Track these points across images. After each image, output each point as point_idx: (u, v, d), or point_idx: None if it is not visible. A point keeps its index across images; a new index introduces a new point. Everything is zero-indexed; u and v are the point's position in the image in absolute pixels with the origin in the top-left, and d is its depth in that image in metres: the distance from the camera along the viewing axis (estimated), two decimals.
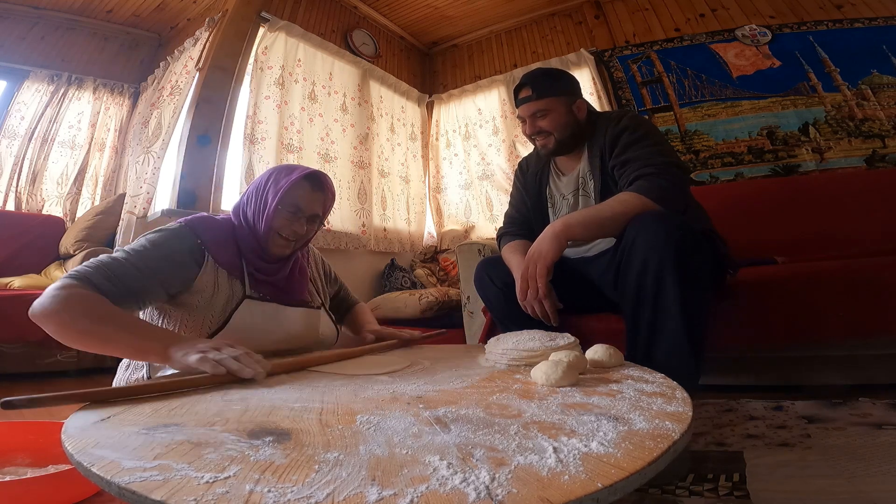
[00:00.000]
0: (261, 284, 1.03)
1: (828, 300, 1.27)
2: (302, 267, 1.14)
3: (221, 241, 1.00)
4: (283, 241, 1.03)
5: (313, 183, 1.04)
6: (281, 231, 1.02)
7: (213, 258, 0.96)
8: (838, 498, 0.79)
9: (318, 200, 1.06)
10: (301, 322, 1.07)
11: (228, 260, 0.99)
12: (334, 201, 1.13)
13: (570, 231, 1.09)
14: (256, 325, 0.97)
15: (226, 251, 0.99)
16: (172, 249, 0.92)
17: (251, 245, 1.03)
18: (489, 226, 3.23)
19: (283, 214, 1.01)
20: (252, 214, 1.04)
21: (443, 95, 3.61)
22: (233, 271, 0.99)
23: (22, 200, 2.76)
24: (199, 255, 0.95)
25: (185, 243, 0.94)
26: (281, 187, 1.00)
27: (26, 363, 1.96)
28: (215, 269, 0.96)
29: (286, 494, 0.34)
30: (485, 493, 0.34)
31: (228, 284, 0.97)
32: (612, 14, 3.05)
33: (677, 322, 0.95)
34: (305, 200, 1.03)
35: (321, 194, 1.07)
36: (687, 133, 2.61)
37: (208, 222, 1.01)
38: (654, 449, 0.41)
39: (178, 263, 0.92)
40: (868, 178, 2.09)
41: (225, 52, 2.48)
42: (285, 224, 1.02)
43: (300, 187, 1.02)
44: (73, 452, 0.44)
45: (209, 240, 0.97)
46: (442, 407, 0.56)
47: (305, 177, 1.03)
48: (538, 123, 1.28)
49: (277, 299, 1.03)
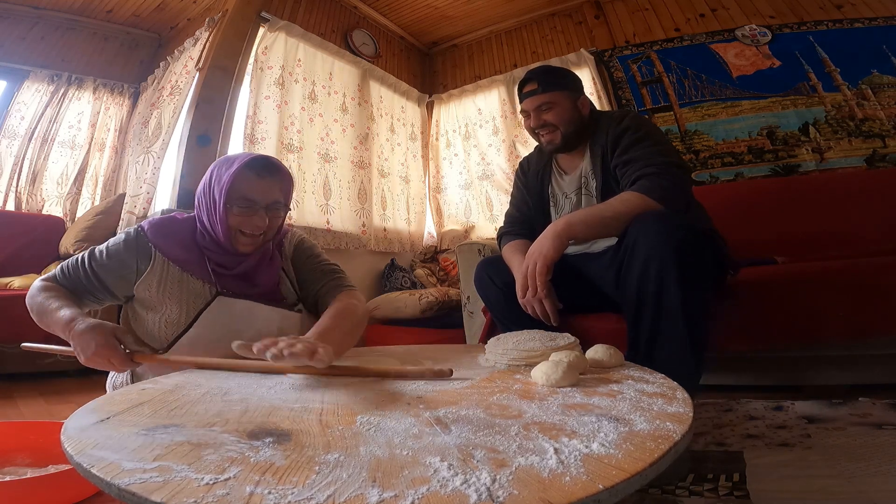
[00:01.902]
0: (226, 279, 0.99)
1: (828, 300, 1.27)
2: (273, 255, 1.06)
3: (177, 238, 0.99)
4: (247, 239, 0.97)
5: (258, 170, 0.96)
6: (241, 228, 0.96)
7: (164, 253, 0.98)
8: (838, 498, 0.79)
9: (270, 187, 0.97)
10: (276, 324, 0.99)
11: (182, 255, 0.98)
12: (292, 183, 1.05)
13: (572, 230, 1.09)
14: (225, 325, 0.92)
15: (180, 247, 0.99)
16: (119, 257, 0.97)
17: (213, 246, 0.99)
18: (489, 226, 3.22)
19: (236, 211, 0.95)
20: (207, 218, 0.98)
21: (443, 95, 3.61)
22: (189, 267, 0.98)
23: (22, 200, 2.75)
24: (146, 256, 0.97)
25: (132, 249, 0.98)
26: (224, 183, 0.94)
27: (26, 363, 1.95)
28: (164, 264, 0.97)
29: (287, 496, 0.34)
30: (486, 494, 0.34)
31: (183, 280, 0.97)
32: (612, 14, 3.05)
33: (678, 322, 0.95)
34: (255, 190, 0.95)
35: (271, 179, 0.98)
36: (687, 133, 2.61)
37: (166, 225, 1.01)
38: (655, 450, 0.41)
39: (122, 269, 0.97)
40: (868, 177, 2.09)
41: (225, 52, 2.47)
42: (243, 220, 0.95)
43: (244, 178, 0.95)
44: (72, 453, 0.44)
45: (161, 237, 0.99)
46: (442, 407, 0.56)
47: (246, 165, 0.95)
48: (543, 117, 1.28)
49: (249, 296, 0.98)
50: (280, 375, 0.77)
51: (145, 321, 0.97)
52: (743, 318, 1.26)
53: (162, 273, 0.97)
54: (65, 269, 0.98)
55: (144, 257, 0.97)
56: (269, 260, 1.05)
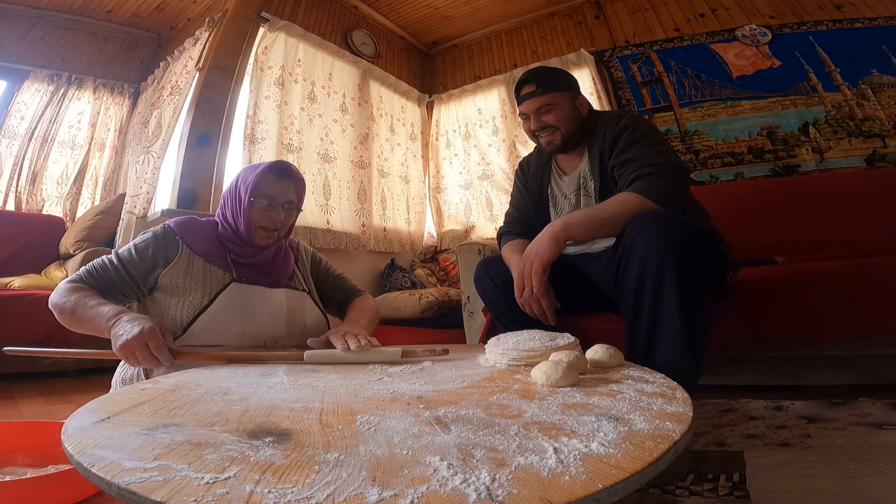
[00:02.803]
0: (244, 268, 1.11)
1: (828, 300, 1.27)
2: (287, 252, 1.21)
3: (200, 234, 1.11)
4: (265, 233, 1.11)
5: (278, 173, 1.12)
6: (261, 223, 1.10)
7: (189, 246, 1.08)
8: (838, 498, 0.79)
9: (287, 188, 1.13)
10: (285, 304, 1.11)
11: (206, 248, 1.10)
12: (305, 187, 1.20)
13: (569, 231, 1.09)
14: (240, 307, 1.05)
15: (203, 241, 1.11)
16: (149, 251, 1.06)
17: (234, 238, 1.12)
18: (489, 226, 3.23)
19: (258, 206, 1.09)
20: (231, 215, 1.12)
21: (443, 95, 3.61)
22: (211, 258, 1.09)
23: (22, 200, 2.76)
24: (174, 248, 1.08)
25: (161, 243, 1.07)
26: (250, 182, 1.09)
27: (26, 363, 1.95)
28: (190, 256, 1.08)
29: (286, 495, 0.34)
30: (485, 493, 0.34)
31: (206, 269, 1.07)
32: (612, 14, 3.05)
33: (677, 322, 0.95)
34: (276, 189, 1.11)
35: (289, 181, 1.14)
36: (687, 133, 2.61)
37: (190, 224, 1.13)
38: (655, 449, 0.41)
39: (153, 261, 1.05)
40: (868, 178, 2.09)
41: (225, 52, 2.48)
42: (263, 215, 1.10)
43: (267, 179, 1.11)
44: (73, 453, 0.44)
45: (187, 233, 1.10)
46: (442, 407, 0.56)
47: (269, 168, 1.12)
48: (543, 119, 1.28)
49: (263, 282, 1.11)
50: (280, 375, 0.77)
51: (168, 307, 1.04)
52: (743, 318, 1.26)
53: (189, 263, 1.07)
54: (92, 271, 1.04)
55: (173, 249, 1.08)
56: (284, 255, 1.20)
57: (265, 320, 1.07)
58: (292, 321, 1.12)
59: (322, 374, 0.78)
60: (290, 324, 1.11)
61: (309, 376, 0.76)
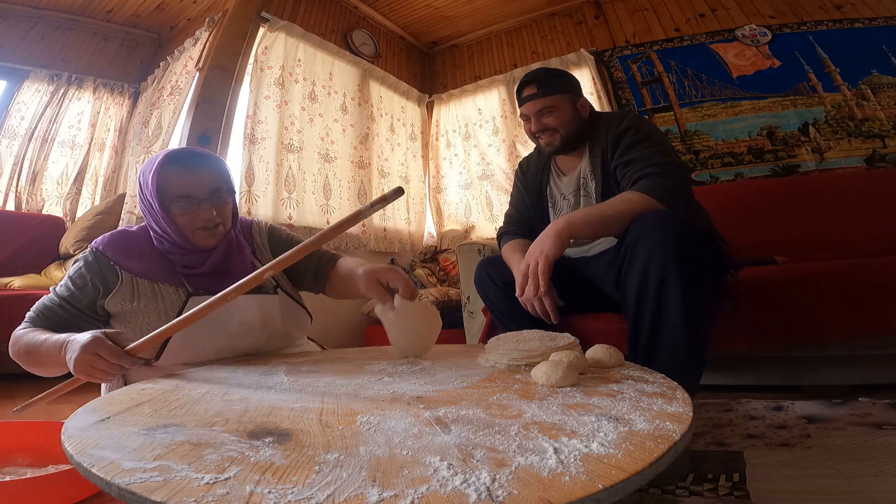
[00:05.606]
0: (197, 279, 0.96)
1: (828, 300, 1.27)
2: (240, 245, 1.04)
3: (136, 252, 0.97)
4: (206, 232, 0.95)
5: (183, 163, 0.93)
6: (194, 225, 0.93)
7: (127, 270, 0.94)
8: (838, 498, 0.79)
9: (201, 177, 0.94)
10: (255, 310, 0.98)
11: (147, 268, 0.95)
12: (224, 164, 1.02)
13: (573, 229, 1.09)
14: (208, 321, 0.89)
15: (142, 259, 0.96)
16: (84, 281, 0.93)
17: (174, 248, 0.97)
18: (489, 226, 3.23)
19: (177, 211, 0.92)
20: (157, 225, 0.96)
21: (443, 95, 3.61)
22: (156, 277, 0.95)
23: (22, 200, 2.75)
24: (111, 272, 0.94)
25: (96, 268, 0.94)
26: (151, 186, 0.92)
27: None
28: (132, 280, 0.94)
29: (286, 495, 0.34)
30: (485, 494, 0.34)
31: (155, 290, 0.94)
32: (612, 14, 3.05)
33: (679, 322, 0.95)
34: (188, 185, 0.92)
35: (200, 168, 0.95)
36: (687, 133, 2.61)
37: (120, 240, 0.98)
38: (655, 450, 0.41)
39: (94, 289, 0.93)
40: (868, 178, 2.09)
41: (225, 52, 2.47)
42: (189, 218, 0.93)
43: (171, 175, 0.92)
44: (73, 453, 0.44)
45: (120, 255, 0.95)
46: (442, 407, 0.56)
47: (168, 161, 0.92)
48: (544, 121, 1.28)
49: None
50: (280, 375, 0.77)
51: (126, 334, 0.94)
52: (743, 318, 1.26)
53: (132, 287, 0.94)
54: (37, 313, 0.93)
55: (111, 274, 0.94)
56: (238, 249, 1.03)
57: (238, 330, 0.96)
58: (269, 327, 1.01)
59: (322, 375, 0.78)
60: (268, 330, 1.01)
61: (309, 376, 0.76)
